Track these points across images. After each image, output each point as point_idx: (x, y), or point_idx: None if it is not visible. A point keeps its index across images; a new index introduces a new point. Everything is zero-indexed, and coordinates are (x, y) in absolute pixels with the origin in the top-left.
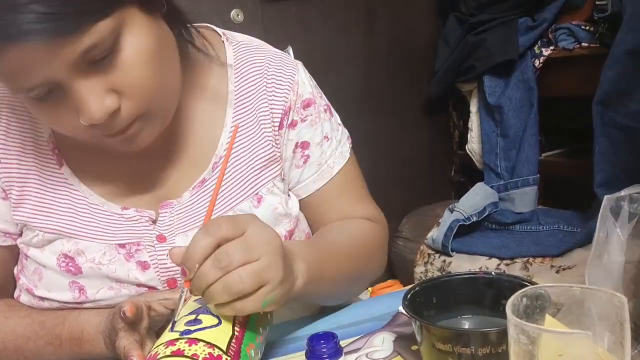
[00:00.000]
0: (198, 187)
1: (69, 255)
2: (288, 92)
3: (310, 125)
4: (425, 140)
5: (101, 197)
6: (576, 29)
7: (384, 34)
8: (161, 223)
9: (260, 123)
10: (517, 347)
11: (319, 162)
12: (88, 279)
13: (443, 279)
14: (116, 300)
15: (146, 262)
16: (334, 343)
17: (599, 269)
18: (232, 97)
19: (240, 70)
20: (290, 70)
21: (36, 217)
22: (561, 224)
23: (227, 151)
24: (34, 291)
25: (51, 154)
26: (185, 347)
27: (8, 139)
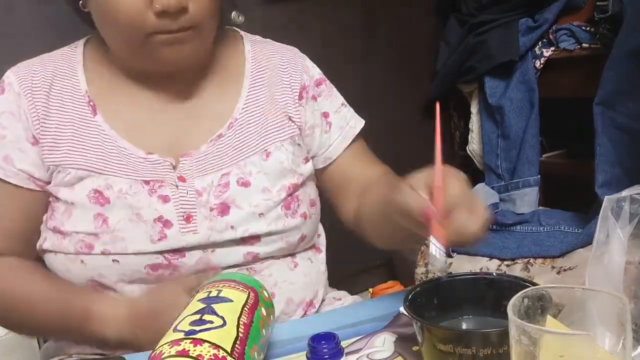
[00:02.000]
0: (215, 139)
1: (99, 190)
2: (302, 74)
3: (325, 98)
4: (426, 141)
5: (129, 142)
6: (577, 29)
7: (384, 35)
8: (182, 167)
9: (274, 97)
10: (518, 348)
11: (341, 125)
12: (113, 209)
13: (444, 280)
14: (132, 232)
15: (167, 196)
16: (335, 343)
17: (600, 270)
18: (249, 72)
19: (256, 53)
20: (301, 58)
21: (70, 157)
22: (562, 224)
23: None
24: (60, 228)
25: (87, 106)
26: (190, 347)
27: (51, 94)
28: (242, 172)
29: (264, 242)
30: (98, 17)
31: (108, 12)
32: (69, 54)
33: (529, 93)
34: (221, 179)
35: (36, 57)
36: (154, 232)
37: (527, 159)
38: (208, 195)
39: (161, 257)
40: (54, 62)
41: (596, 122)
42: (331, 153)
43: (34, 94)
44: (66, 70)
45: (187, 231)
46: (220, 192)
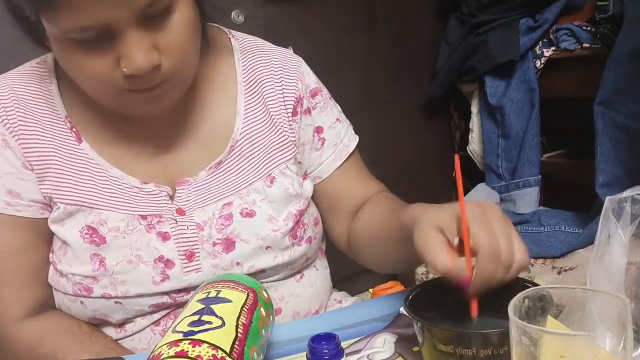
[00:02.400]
0: (214, 167)
1: (92, 227)
2: (297, 82)
3: (321, 111)
4: (426, 141)
5: (120, 170)
6: (577, 29)
7: (384, 35)
8: (179, 198)
9: (270, 111)
10: (519, 349)
11: (335, 142)
12: (110, 249)
13: (444, 280)
14: (132, 275)
15: (167, 233)
16: (335, 344)
17: (601, 271)
18: (242, 86)
19: (247, 63)
20: (295, 63)
21: (58, 190)
22: (563, 225)
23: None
24: (57, 265)
25: (69, 132)
26: (189, 348)
27: (26, 118)
28: (246, 202)
29: (269, 274)
30: (63, 64)
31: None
32: (39, 73)
33: (530, 93)
34: (222, 209)
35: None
36: (155, 273)
37: (528, 159)
38: (210, 229)
39: (165, 297)
40: (22, 82)
41: (597, 122)
42: (321, 172)
43: (9, 120)
44: (40, 93)
45: (190, 270)
46: (223, 225)
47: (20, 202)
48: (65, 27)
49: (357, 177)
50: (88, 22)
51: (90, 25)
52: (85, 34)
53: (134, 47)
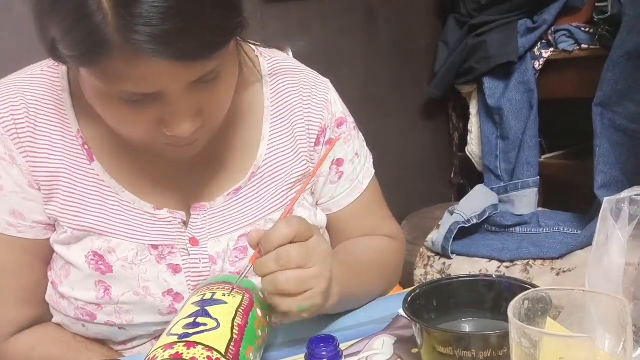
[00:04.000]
0: (233, 194)
1: (99, 254)
2: (323, 112)
3: (344, 143)
4: (425, 142)
5: (133, 194)
6: (576, 30)
7: (384, 36)
8: (193, 225)
9: (297, 139)
10: (518, 350)
11: (351, 178)
12: (116, 279)
13: (443, 282)
14: (138, 306)
15: (178, 266)
16: (334, 346)
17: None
18: (269, 111)
19: (276, 86)
20: (324, 89)
21: (66, 213)
22: (561, 226)
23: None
24: (58, 287)
25: (81, 149)
26: (183, 350)
27: (36, 133)
28: None
29: None
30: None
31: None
32: (51, 81)
33: (528, 94)
34: (238, 241)
35: (7, 81)
36: (162, 306)
37: (526, 160)
38: (223, 262)
39: None
40: (33, 90)
41: (595, 123)
42: (333, 206)
43: (19, 135)
44: (51, 103)
45: None
46: (237, 259)
47: (22, 223)
48: (113, 88)
49: (369, 215)
50: (140, 90)
51: (142, 92)
52: (133, 97)
53: (181, 115)
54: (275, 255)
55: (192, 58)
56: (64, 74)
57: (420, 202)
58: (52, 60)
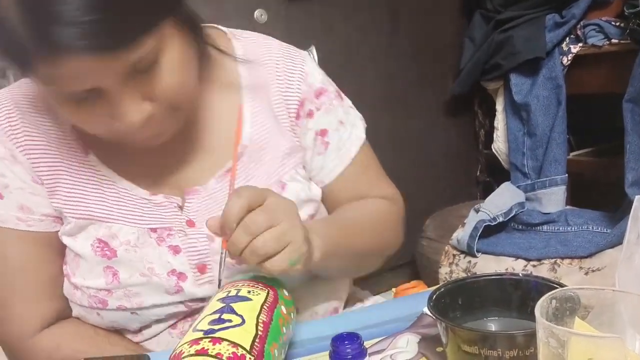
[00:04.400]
0: (224, 175)
1: (103, 240)
2: (300, 84)
3: (325, 113)
4: (451, 140)
5: (129, 182)
6: (606, 25)
7: (407, 33)
8: (188, 209)
9: (276, 114)
10: (546, 350)
11: (338, 146)
12: (122, 263)
13: (469, 280)
14: (146, 287)
15: (177, 247)
16: (358, 344)
17: (630, 271)
18: (246, 90)
19: (251, 65)
20: (299, 62)
21: (68, 204)
22: (590, 224)
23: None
24: (71, 278)
25: (76, 143)
26: (209, 346)
27: (32, 132)
28: None
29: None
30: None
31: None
32: None
33: (556, 90)
34: None
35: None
36: (169, 285)
37: (554, 158)
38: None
39: (181, 306)
40: (26, 94)
41: (626, 119)
42: (324, 177)
43: (15, 134)
44: (43, 103)
45: (203, 282)
46: None
47: (32, 217)
48: (53, 89)
49: (360, 180)
50: (79, 88)
51: (78, 90)
52: (74, 96)
53: (125, 107)
54: (243, 228)
55: (110, 51)
56: None
57: (446, 200)
58: None
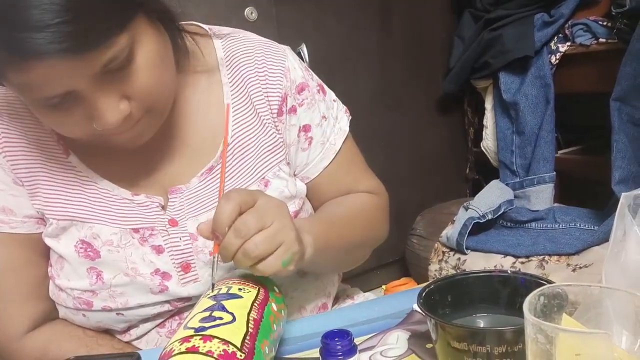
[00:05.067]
0: (206, 173)
1: (86, 241)
2: (281, 79)
3: (308, 108)
4: (440, 138)
5: (111, 182)
6: (593, 24)
7: (398, 31)
8: (171, 208)
9: (257, 111)
10: (534, 347)
11: (322, 141)
12: (106, 263)
13: (458, 277)
14: (130, 287)
15: (160, 246)
16: (349, 340)
17: (617, 268)
18: (228, 88)
19: (231, 62)
20: (280, 57)
21: (49, 206)
22: (578, 221)
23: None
24: (55, 280)
25: (56, 144)
26: (200, 343)
27: (11, 132)
28: None
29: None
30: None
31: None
32: None
33: (545, 89)
34: None
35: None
36: (153, 285)
37: (543, 156)
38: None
39: (167, 305)
40: (2, 94)
41: (613, 118)
42: (309, 172)
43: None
44: (22, 104)
45: (187, 281)
46: None
47: (14, 219)
48: (28, 96)
49: (345, 174)
50: (51, 93)
51: (55, 95)
52: (52, 101)
53: (101, 107)
54: (234, 231)
55: (78, 52)
56: None
57: (435, 198)
58: None
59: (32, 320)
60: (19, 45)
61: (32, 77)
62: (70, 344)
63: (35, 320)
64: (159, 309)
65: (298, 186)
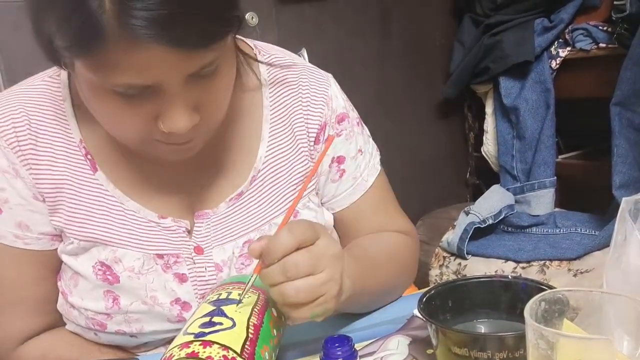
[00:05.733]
0: (235, 199)
1: (106, 264)
2: (323, 108)
3: (345, 140)
4: (441, 143)
5: (137, 203)
6: (593, 29)
7: (398, 36)
8: (197, 234)
9: (297, 138)
10: (535, 352)
11: (354, 175)
12: (124, 289)
13: (459, 282)
14: (147, 315)
15: (184, 275)
16: (349, 346)
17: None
18: (268, 112)
19: (274, 84)
20: (324, 85)
21: (71, 224)
22: (578, 227)
23: (317, 160)
24: (68, 297)
25: (84, 159)
26: (199, 349)
27: (38, 144)
28: None
29: None
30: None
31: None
32: (51, 91)
33: (545, 94)
34: (243, 248)
35: (8, 94)
36: (171, 314)
37: (543, 160)
38: (229, 269)
39: None
40: (34, 101)
41: (613, 123)
42: (335, 205)
43: (21, 147)
44: (52, 113)
45: None
46: (243, 265)
47: (29, 235)
48: (109, 80)
49: (374, 212)
50: (137, 81)
51: (139, 84)
52: (129, 89)
53: (178, 109)
54: (282, 267)
55: (190, 46)
56: (65, 83)
57: (436, 203)
58: (52, 70)
59: (30, 333)
60: (136, 22)
61: (132, 59)
62: (70, 352)
63: (33, 333)
64: (174, 334)
65: (326, 217)
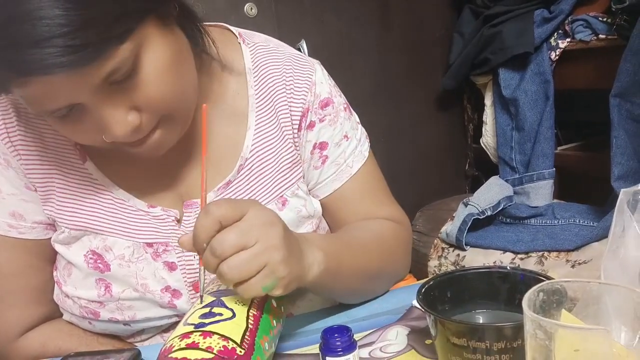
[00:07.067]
0: (223, 188)
1: (97, 252)
2: (306, 94)
3: (329, 125)
4: (440, 134)
5: (126, 192)
6: (593, 20)
7: (398, 27)
8: (186, 223)
9: (282, 125)
10: (533, 342)
11: (338, 161)
12: (115, 277)
13: (457, 273)
14: (139, 302)
15: (173, 263)
16: (348, 336)
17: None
18: (253, 100)
19: (259, 73)
20: (308, 71)
21: (62, 213)
22: (577, 218)
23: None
24: (62, 286)
25: (73, 149)
26: (199, 339)
27: (28, 135)
28: None
29: None
30: None
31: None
32: None
33: (544, 85)
34: None
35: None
36: (162, 301)
37: (542, 152)
38: None
39: (175, 317)
40: None
41: (612, 114)
42: (319, 191)
43: (11, 138)
44: None
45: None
46: None
47: (23, 224)
48: (33, 109)
49: (360, 199)
50: (56, 107)
51: (60, 108)
52: (59, 113)
53: (107, 120)
54: (210, 249)
55: (75, 69)
56: None
57: (435, 194)
58: None
59: (33, 323)
60: (16, 61)
61: (33, 92)
62: (69, 342)
63: (33, 323)
64: (167, 320)
65: (315, 205)
